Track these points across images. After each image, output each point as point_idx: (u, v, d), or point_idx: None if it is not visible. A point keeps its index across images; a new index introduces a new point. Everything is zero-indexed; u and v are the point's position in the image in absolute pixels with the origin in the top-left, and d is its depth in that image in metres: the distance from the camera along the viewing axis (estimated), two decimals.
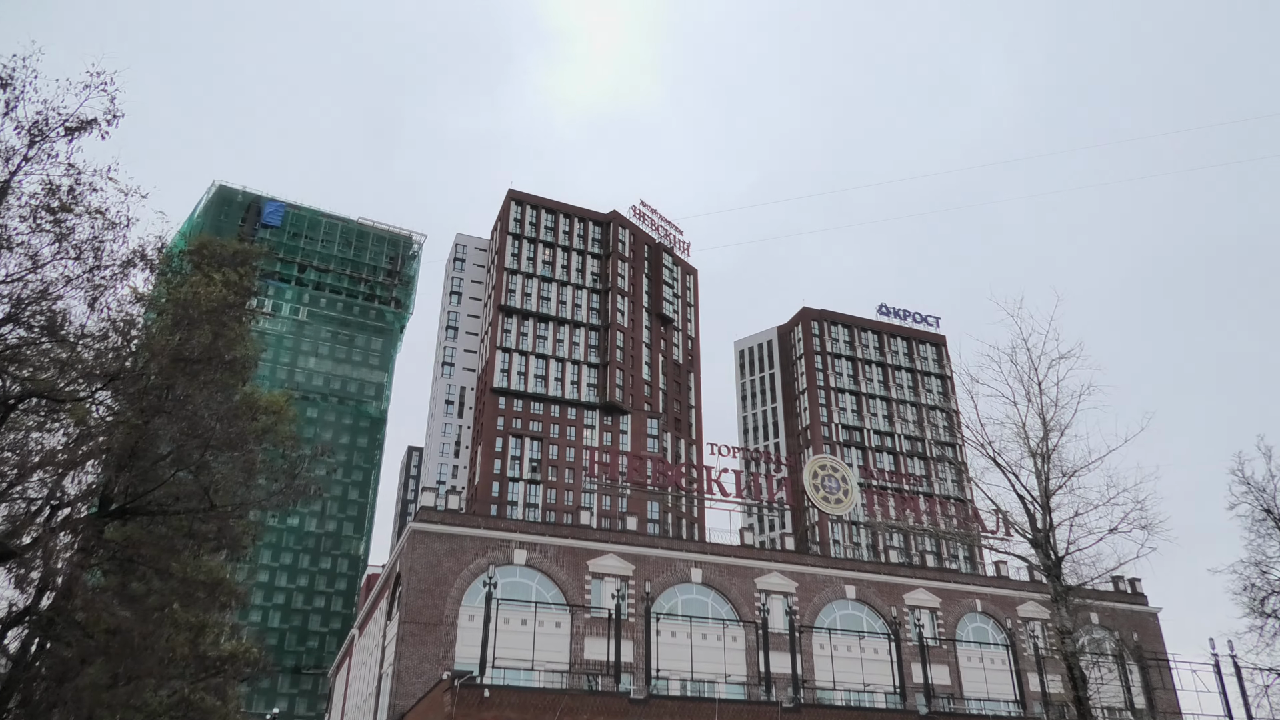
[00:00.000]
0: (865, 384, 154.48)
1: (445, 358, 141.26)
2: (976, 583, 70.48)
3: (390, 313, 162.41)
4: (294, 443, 31.54)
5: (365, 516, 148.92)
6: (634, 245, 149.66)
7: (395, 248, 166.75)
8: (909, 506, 77.67)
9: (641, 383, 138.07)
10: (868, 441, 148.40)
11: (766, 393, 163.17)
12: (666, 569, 60.84)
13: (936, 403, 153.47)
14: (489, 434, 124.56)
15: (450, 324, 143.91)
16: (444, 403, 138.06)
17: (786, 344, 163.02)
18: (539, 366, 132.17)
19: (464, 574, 55.59)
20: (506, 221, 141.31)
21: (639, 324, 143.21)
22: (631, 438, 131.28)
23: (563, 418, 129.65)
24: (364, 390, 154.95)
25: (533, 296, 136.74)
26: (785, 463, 79.36)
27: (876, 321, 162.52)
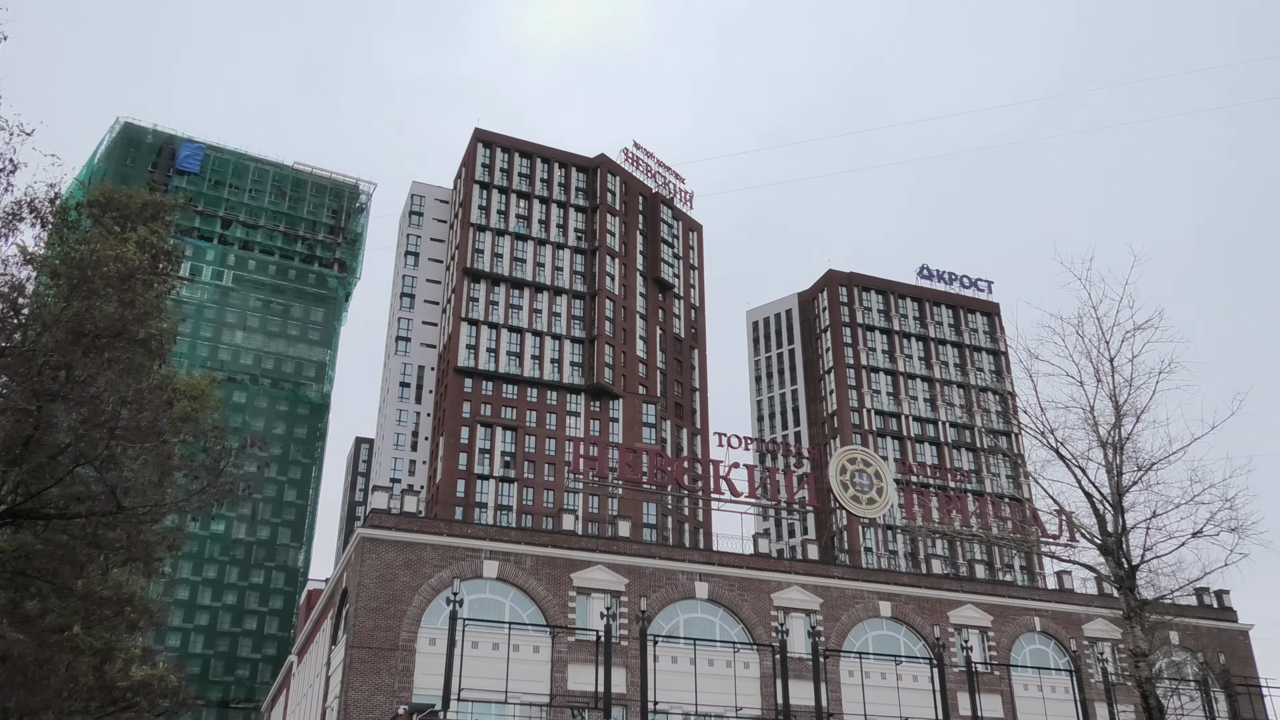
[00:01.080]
0: (903, 361, 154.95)
1: (400, 331, 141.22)
2: (1035, 597, 71.03)
3: (333, 277, 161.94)
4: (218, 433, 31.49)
5: (305, 521, 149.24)
6: (626, 196, 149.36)
7: (339, 199, 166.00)
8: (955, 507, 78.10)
9: (635, 361, 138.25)
10: (906, 430, 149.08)
11: (785, 372, 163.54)
12: (666, 583, 61.16)
13: (988, 383, 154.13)
14: (453, 422, 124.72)
15: (405, 291, 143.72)
16: (399, 385, 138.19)
17: (809, 314, 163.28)
18: (512, 341, 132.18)
19: (424, 589, 55.81)
20: (472, 168, 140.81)
21: (632, 290, 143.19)
22: (624, 427, 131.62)
23: (541, 403, 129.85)
24: (302, 370, 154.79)
25: (504, 258, 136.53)
26: (808, 456, 79.60)
27: (917, 287, 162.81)
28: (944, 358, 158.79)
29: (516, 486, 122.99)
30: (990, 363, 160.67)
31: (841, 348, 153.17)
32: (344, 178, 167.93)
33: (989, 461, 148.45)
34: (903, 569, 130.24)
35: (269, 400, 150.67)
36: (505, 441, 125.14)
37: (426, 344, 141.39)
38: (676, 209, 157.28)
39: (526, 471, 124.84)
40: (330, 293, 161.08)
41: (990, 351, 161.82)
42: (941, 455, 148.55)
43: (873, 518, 74.66)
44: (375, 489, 60.05)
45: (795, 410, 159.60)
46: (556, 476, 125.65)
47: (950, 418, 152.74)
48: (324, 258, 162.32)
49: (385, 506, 58.60)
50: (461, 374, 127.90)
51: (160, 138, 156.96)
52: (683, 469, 74.52)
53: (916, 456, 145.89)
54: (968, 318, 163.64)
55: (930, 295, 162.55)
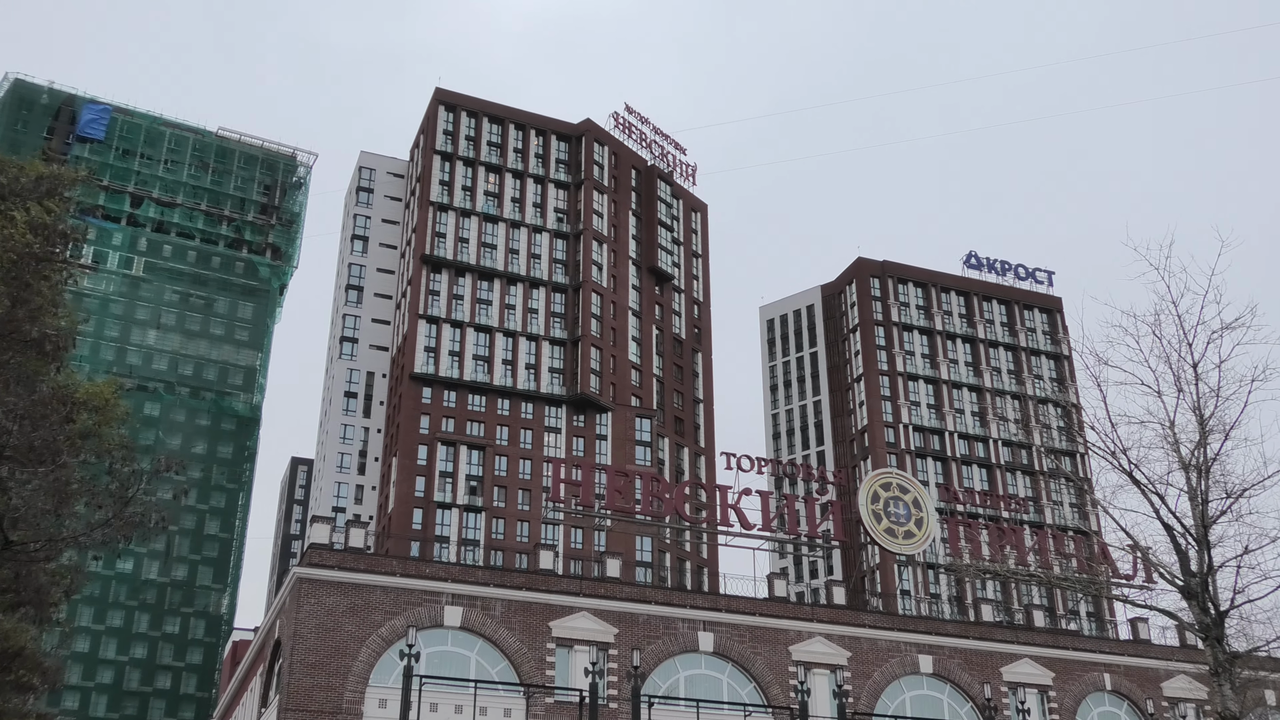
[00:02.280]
0: (947, 367, 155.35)
1: (345, 331, 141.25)
2: (1105, 650, 71.17)
3: (265, 266, 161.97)
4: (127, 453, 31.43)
5: (230, 559, 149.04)
6: (616, 169, 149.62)
7: (272, 172, 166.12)
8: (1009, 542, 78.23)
9: (627, 366, 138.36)
10: (951, 450, 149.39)
11: (806, 380, 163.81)
12: (664, 633, 61.16)
13: (1049, 393, 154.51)
14: (409, 440, 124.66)
15: (352, 282, 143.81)
16: (343, 396, 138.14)
17: (834, 310, 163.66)
18: (480, 343, 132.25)
19: (372, 641, 55.75)
20: (432, 136, 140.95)
21: (624, 282, 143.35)
22: (613, 445, 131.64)
23: (514, 416, 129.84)
24: (227, 377, 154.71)
25: (470, 243, 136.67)
26: (833, 480, 79.71)
27: (963, 278, 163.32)
28: (995, 363, 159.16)
29: (485, 517, 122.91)
30: (1051, 369, 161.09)
31: (873, 351, 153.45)
32: (278, 147, 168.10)
33: (1050, 487, 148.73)
34: (947, 616, 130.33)
35: (187, 413, 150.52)
36: (471, 463, 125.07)
37: (377, 346, 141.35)
38: (676, 185, 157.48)
39: (496, 499, 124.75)
40: (261, 284, 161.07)
41: (1051, 356, 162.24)
42: (993, 480, 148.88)
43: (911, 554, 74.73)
44: (315, 520, 59.96)
45: (818, 426, 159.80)
46: (533, 505, 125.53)
47: (1003, 435, 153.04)
48: (254, 242, 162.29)
49: (327, 541, 58.50)
50: (419, 382, 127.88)
51: (57, 97, 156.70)
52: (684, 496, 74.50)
53: (963, 481, 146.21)
54: (1024, 315, 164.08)
55: (979, 288, 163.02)
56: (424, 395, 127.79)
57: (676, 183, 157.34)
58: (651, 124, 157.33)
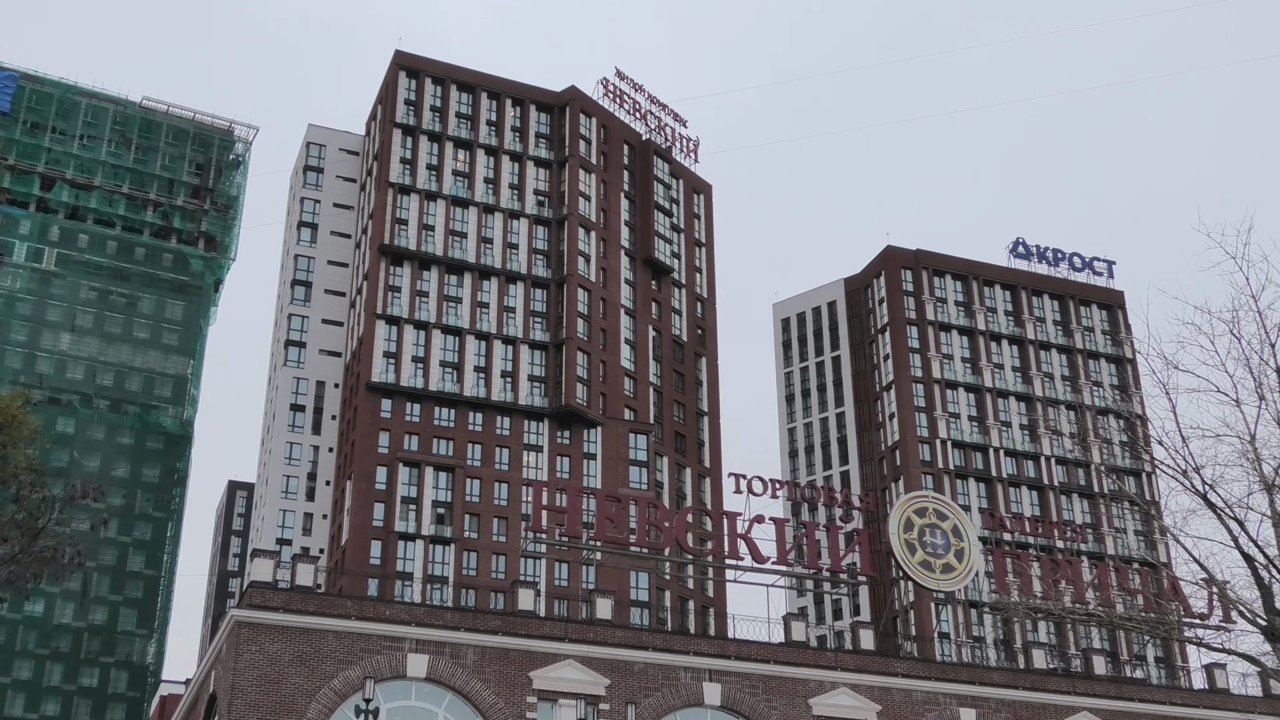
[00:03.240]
0: (991, 373, 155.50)
1: (291, 333, 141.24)
2: (1176, 700, 71.05)
3: (198, 258, 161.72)
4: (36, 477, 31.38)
5: (157, 600, 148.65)
6: (606, 144, 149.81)
7: (205, 149, 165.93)
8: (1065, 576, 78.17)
9: (620, 373, 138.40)
10: (996, 469, 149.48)
11: (827, 389, 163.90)
12: (663, 684, 61.02)
13: (1109, 403, 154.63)
14: (365, 461, 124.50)
15: (299, 277, 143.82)
16: (289, 409, 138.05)
17: (859, 307, 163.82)
18: (448, 348, 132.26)
19: (323, 694, 55.58)
20: (392, 106, 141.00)
21: (615, 275, 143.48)
22: (604, 465, 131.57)
23: (488, 433, 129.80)
24: (154, 388, 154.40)
25: (437, 231, 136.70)
26: (860, 505, 79.68)
27: (1009, 270, 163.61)
28: (1047, 367, 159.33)
29: (454, 550, 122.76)
30: (1112, 374, 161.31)
31: (905, 354, 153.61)
32: (213, 119, 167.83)
33: (1111, 512, 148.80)
34: (992, 663, 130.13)
35: (107, 430, 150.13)
36: (439, 487, 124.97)
37: (328, 351, 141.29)
38: (676, 163, 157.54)
39: (468, 528, 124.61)
40: (193, 280, 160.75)
41: (1112, 359, 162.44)
42: (1045, 503, 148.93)
43: (950, 591, 74.67)
44: (256, 554, 59.77)
45: (841, 441, 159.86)
46: (510, 536, 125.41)
47: (1057, 451, 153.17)
48: (185, 231, 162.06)
49: (270, 578, 58.31)
50: (377, 393, 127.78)
51: None
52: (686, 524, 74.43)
53: (1010, 505, 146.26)
54: (1080, 311, 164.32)
55: (1028, 281, 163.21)
56: (383, 408, 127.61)
57: (676, 160, 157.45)
58: (646, 91, 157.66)
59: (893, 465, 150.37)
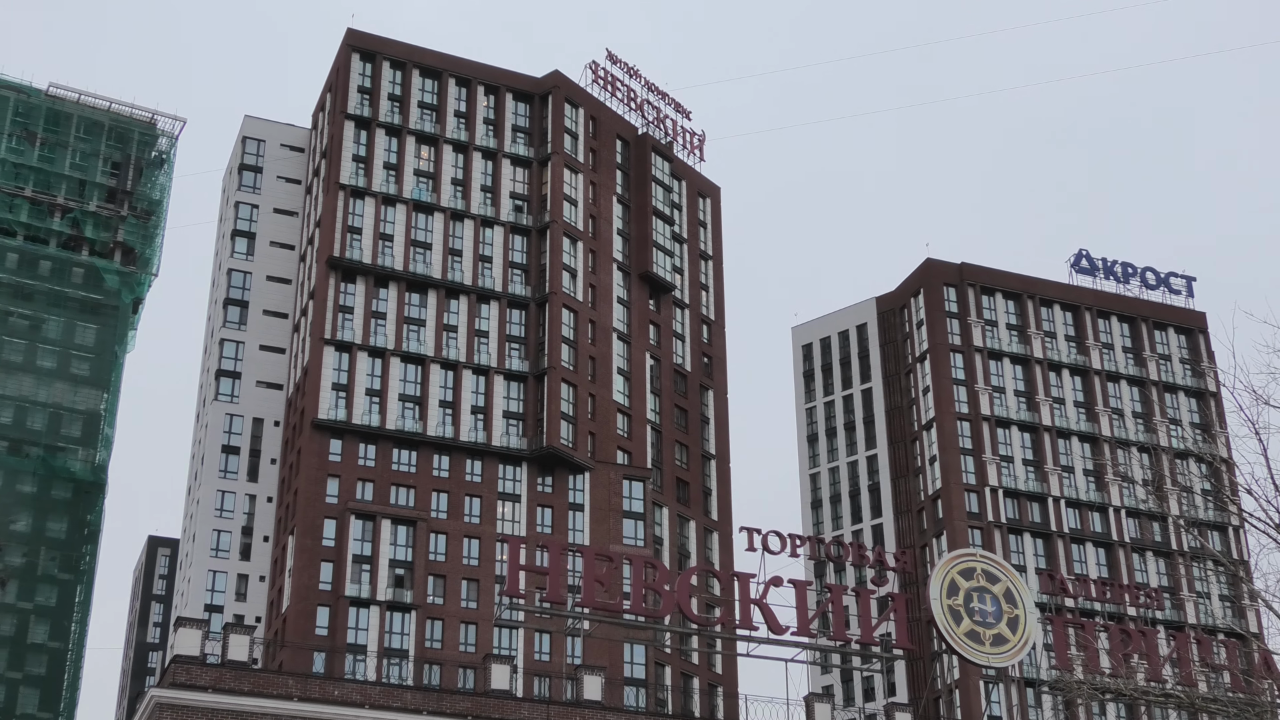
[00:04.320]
0: (1051, 409, 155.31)
1: (222, 362, 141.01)
2: None
3: (114, 273, 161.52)
4: None
5: (64, 677, 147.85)
6: (595, 138, 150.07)
7: (123, 144, 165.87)
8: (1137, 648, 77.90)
9: (611, 410, 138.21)
10: (1056, 522, 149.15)
11: (856, 427, 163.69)
12: None
13: (1189, 444, 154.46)
14: (310, 513, 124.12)
15: (233, 296, 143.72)
16: (220, 451, 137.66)
17: (893, 331, 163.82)
18: (408, 379, 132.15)
19: None
20: (343, 94, 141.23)
21: (606, 294, 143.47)
22: (592, 518, 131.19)
23: (456, 479, 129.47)
24: (60, 427, 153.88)
25: (396, 242, 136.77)
26: (895, 565, 79.34)
27: (1070, 287, 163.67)
28: (1117, 402, 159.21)
29: (415, 618, 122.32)
30: (1192, 410, 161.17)
31: (949, 387, 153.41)
32: (132, 110, 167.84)
33: (1192, 574, 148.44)
34: None
35: (5, 476, 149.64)
36: (397, 543, 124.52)
37: (267, 383, 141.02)
38: (678, 162, 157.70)
39: (432, 593, 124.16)
40: (109, 299, 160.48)
41: (1192, 392, 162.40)
42: (1114, 563, 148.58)
43: (1002, 667, 74.38)
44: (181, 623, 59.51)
45: (873, 490, 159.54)
46: (482, 601, 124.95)
47: (1128, 501, 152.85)
48: (99, 241, 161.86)
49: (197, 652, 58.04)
50: (324, 432, 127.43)
51: None
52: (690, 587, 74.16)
53: (1073, 565, 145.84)
54: (1154, 336, 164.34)
55: (1093, 300, 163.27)
56: (332, 450, 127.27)
57: (678, 158, 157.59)
58: (642, 77, 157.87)
59: (934, 518, 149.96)
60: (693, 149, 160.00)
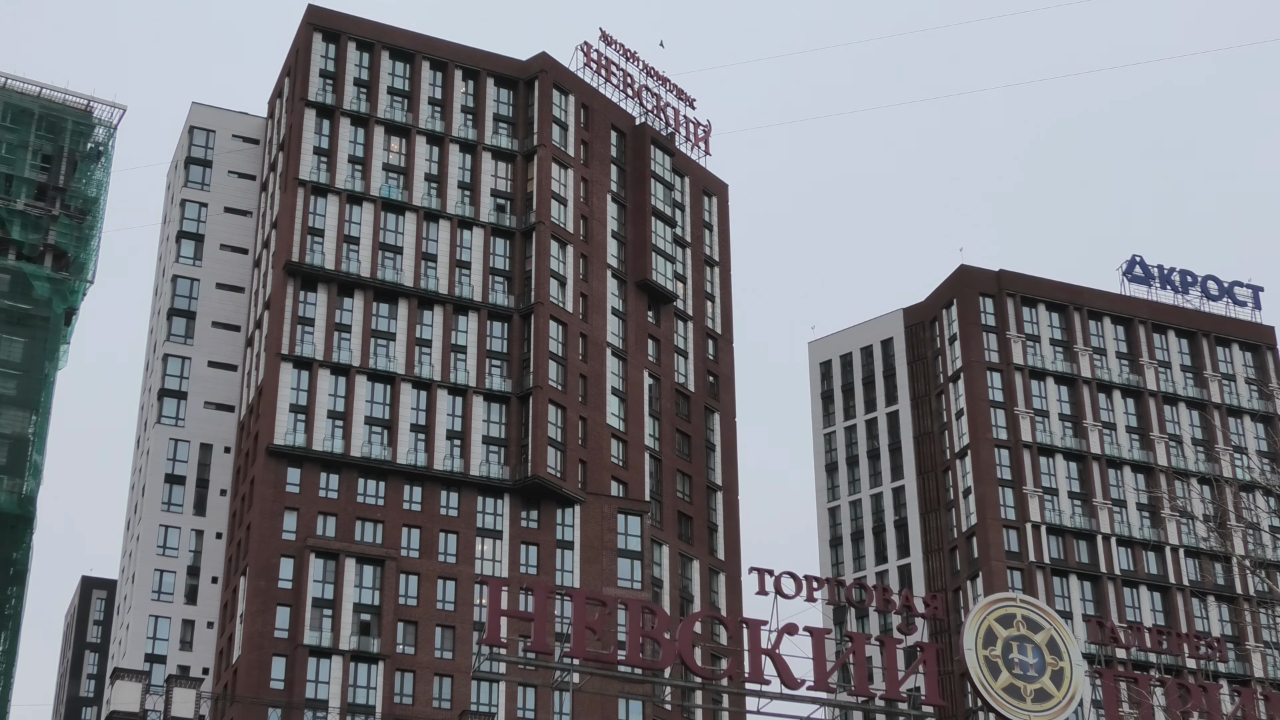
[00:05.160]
0: (1100, 435, 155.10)
1: (166, 381, 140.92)
2: None
3: (44, 280, 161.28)
4: None
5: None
6: (587, 129, 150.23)
7: (55, 135, 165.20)
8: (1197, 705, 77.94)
9: (605, 435, 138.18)
10: (1105, 562, 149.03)
11: (881, 455, 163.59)
12: None
13: (1255, 475, 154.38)
14: (265, 551, 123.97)
15: (179, 306, 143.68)
16: (163, 481, 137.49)
17: (923, 346, 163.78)
18: (376, 400, 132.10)
19: None
20: (303, 78, 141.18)
21: (599, 304, 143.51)
22: (582, 557, 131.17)
23: (430, 513, 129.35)
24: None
25: (362, 245, 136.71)
26: (925, 611, 79.38)
27: (1122, 298, 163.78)
28: (1174, 428, 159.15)
29: (383, 669, 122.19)
30: (1259, 436, 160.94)
31: (986, 410, 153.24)
32: (66, 97, 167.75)
33: (1259, 620, 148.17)
34: None
35: None
36: (363, 585, 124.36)
37: (216, 404, 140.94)
38: (681, 156, 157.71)
39: (402, 641, 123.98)
40: (38, 309, 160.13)
41: (1259, 416, 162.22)
42: (1172, 609, 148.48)
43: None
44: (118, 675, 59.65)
45: (899, 526, 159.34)
46: (458, 651, 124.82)
47: (1187, 539, 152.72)
48: (27, 244, 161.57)
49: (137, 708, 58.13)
50: (281, 459, 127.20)
51: None
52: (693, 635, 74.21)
53: (1126, 611, 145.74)
54: (1217, 353, 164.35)
55: (1148, 313, 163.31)
56: (289, 480, 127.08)
57: (680, 151, 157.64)
58: (641, 60, 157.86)
59: (968, 558, 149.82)
60: (697, 141, 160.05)
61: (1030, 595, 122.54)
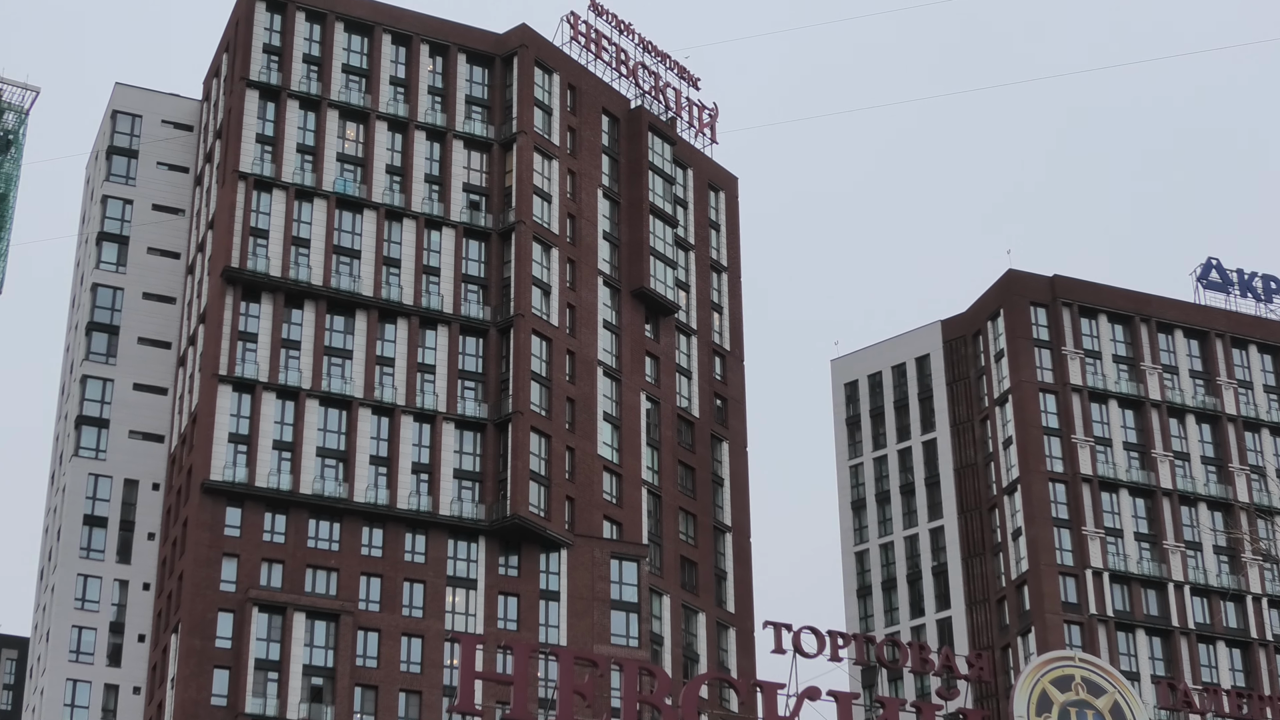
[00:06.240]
0: (1172, 468, 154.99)
1: (86, 407, 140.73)
2: None
3: None
4: None
5: None
6: (575, 113, 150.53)
7: None
8: None
9: (596, 468, 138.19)
10: (1178, 614, 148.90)
11: (916, 491, 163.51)
12: None
13: None
14: (200, 604, 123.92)
15: (100, 319, 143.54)
16: (80, 524, 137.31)
17: (964, 364, 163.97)
18: (330, 429, 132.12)
19: None
20: (244, 54, 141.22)
21: (589, 316, 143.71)
22: (570, 609, 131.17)
23: (393, 559, 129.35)
24: None
25: (314, 248, 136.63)
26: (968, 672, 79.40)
27: (1196, 308, 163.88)
28: (1257, 458, 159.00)
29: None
30: None
31: (1039, 438, 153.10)
32: None
33: None
34: None
35: None
36: (314, 644, 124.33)
37: (143, 434, 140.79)
38: (683, 144, 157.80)
39: (360, 709, 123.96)
40: None
41: None
42: (1253, 668, 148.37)
43: None
44: None
45: (939, 572, 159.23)
46: (426, 719, 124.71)
47: (1272, 588, 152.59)
48: None
49: None
50: (219, 497, 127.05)
51: None
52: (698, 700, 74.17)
53: (1200, 671, 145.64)
54: None
55: (1226, 324, 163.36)
56: (228, 522, 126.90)
57: (683, 139, 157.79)
58: (637, 34, 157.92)
59: (1018, 610, 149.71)
60: (702, 127, 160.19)
61: (1091, 653, 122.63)
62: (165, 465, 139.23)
